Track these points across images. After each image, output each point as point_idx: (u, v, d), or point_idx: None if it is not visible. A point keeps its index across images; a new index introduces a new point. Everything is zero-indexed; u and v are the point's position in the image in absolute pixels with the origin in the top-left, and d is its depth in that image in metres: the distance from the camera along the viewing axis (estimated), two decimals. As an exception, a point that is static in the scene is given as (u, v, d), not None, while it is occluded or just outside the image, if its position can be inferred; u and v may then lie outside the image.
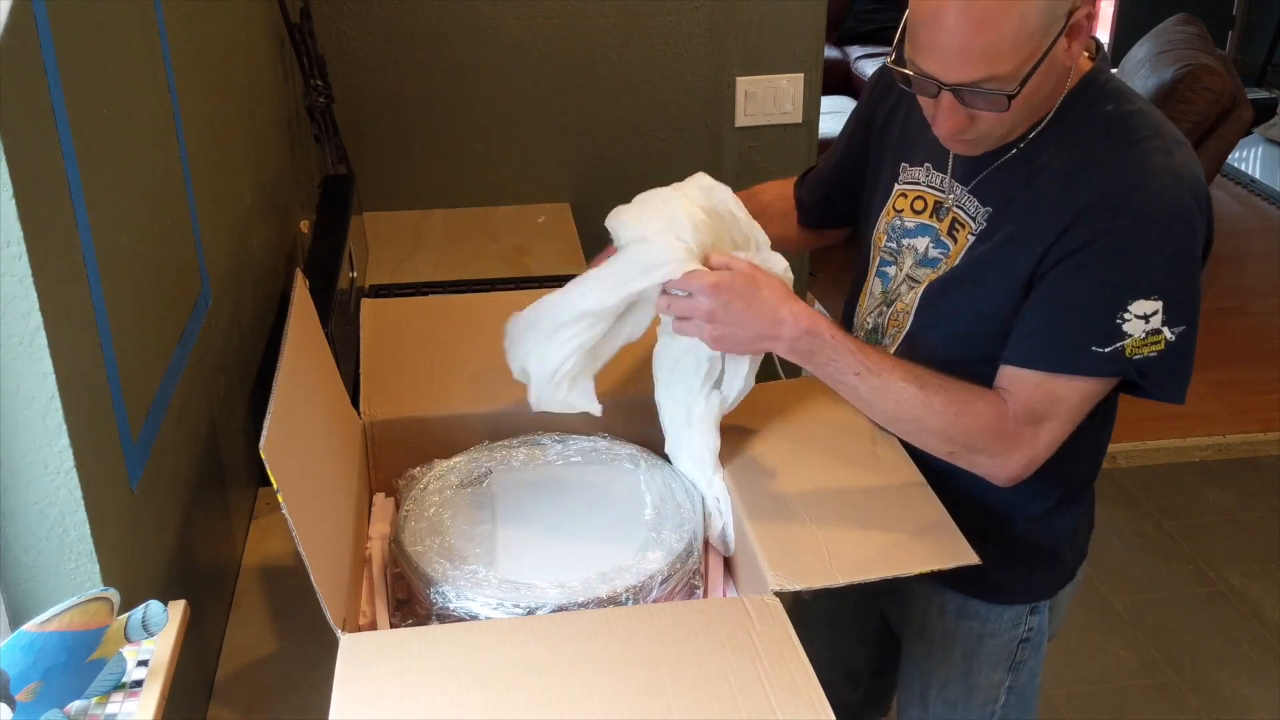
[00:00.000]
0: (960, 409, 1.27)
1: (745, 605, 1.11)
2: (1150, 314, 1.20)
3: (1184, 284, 1.21)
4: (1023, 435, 1.26)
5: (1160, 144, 1.24)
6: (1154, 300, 1.19)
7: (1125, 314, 1.20)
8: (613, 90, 2.67)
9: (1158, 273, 1.20)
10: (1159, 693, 2.62)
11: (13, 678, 0.86)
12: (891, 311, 1.42)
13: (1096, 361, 1.22)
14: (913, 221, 1.40)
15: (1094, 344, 1.21)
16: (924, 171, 1.40)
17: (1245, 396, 3.82)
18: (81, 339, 0.95)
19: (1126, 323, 1.20)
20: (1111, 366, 1.22)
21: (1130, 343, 1.21)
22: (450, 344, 1.55)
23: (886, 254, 1.44)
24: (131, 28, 1.16)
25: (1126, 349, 1.21)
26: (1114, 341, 1.21)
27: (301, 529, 1.04)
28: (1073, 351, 1.22)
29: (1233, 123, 3.74)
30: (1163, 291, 1.20)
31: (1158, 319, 1.20)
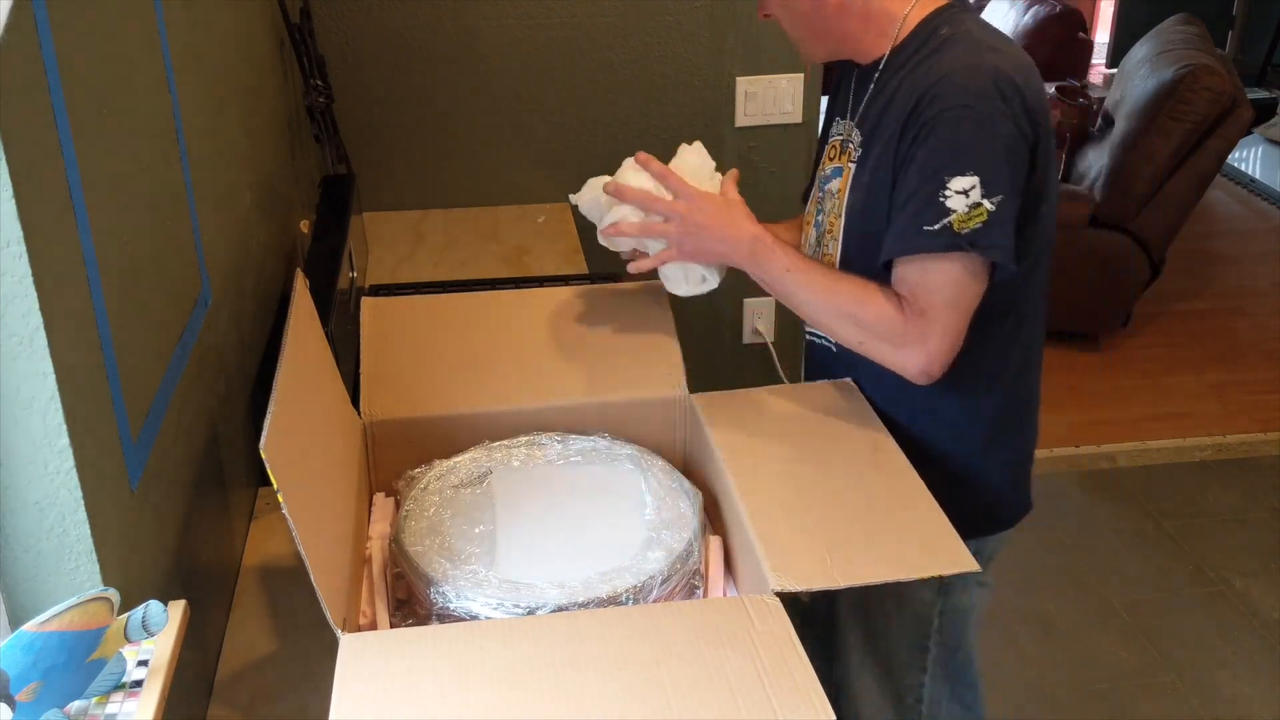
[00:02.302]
0: (868, 296, 1.41)
1: (745, 605, 1.11)
2: (969, 189, 1.33)
3: (994, 158, 1.34)
4: (916, 327, 1.38)
5: (972, 47, 1.39)
6: (969, 176, 1.33)
7: (946, 191, 1.34)
8: (613, 90, 2.67)
9: (967, 151, 1.34)
10: (1159, 693, 2.62)
11: (13, 678, 0.86)
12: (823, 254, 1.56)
13: (931, 238, 1.35)
14: (830, 168, 1.55)
15: (925, 224, 1.35)
16: (836, 124, 1.56)
17: (1245, 396, 3.82)
18: (81, 339, 0.95)
19: (949, 199, 1.33)
20: (944, 240, 1.34)
21: (956, 217, 1.33)
22: (450, 344, 1.55)
23: (817, 204, 1.58)
24: (131, 28, 1.16)
25: (954, 224, 1.34)
26: (942, 218, 1.34)
27: (301, 529, 1.04)
28: (912, 234, 1.36)
29: (1233, 123, 3.73)
30: (976, 167, 1.33)
31: (976, 192, 1.33)
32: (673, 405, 1.49)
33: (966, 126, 1.34)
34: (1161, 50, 4.04)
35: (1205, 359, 4.07)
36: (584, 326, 1.58)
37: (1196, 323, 4.33)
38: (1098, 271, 3.91)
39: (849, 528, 1.24)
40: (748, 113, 2.71)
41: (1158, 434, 3.59)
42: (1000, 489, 1.61)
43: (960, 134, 1.34)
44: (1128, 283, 3.93)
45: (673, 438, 1.51)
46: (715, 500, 1.38)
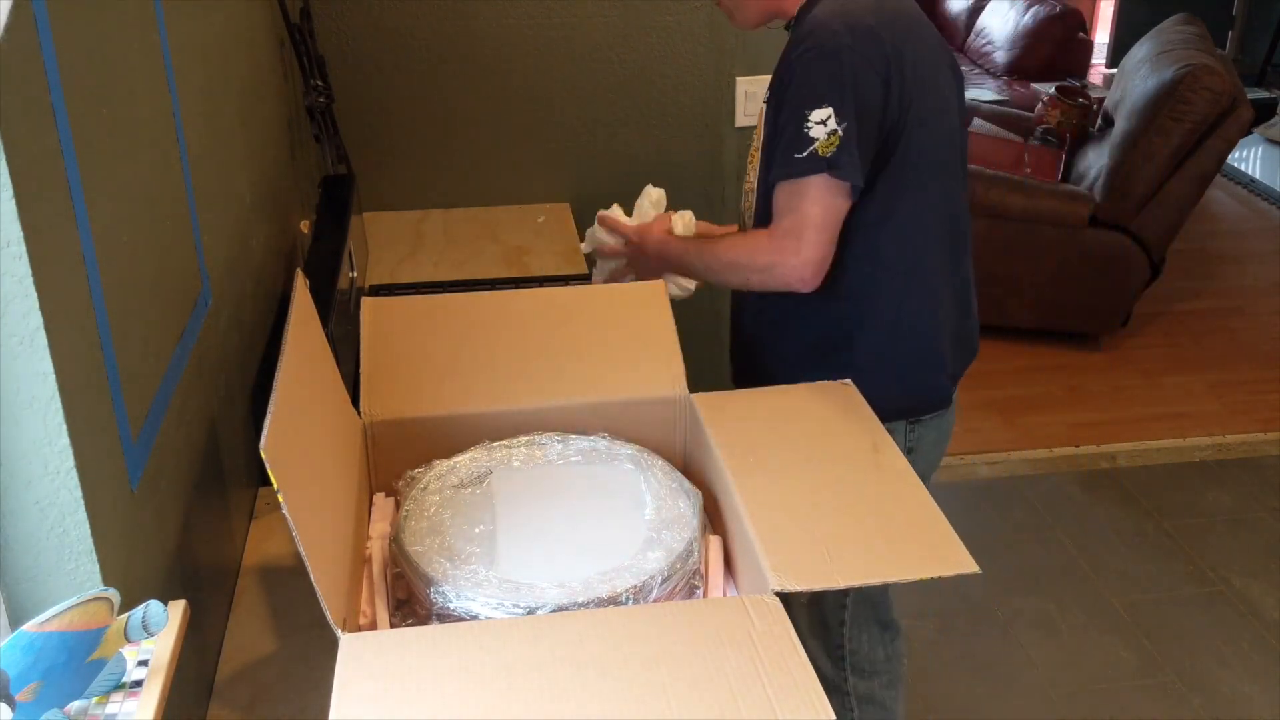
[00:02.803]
0: (740, 240, 1.70)
1: (745, 605, 1.11)
2: (825, 119, 1.54)
3: (843, 90, 1.54)
4: (788, 246, 1.59)
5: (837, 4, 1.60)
6: (825, 108, 1.54)
7: (808, 123, 1.54)
8: (613, 90, 2.67)
9: (820, 86, 1.54)
10: (1159, 693, 2.62)
11: (13, 678, 0.86)
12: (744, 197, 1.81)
13: (802, 164, 1.55)
14: None
15: (795, 151, 1.55)
16: None
17: (1245, 396, 3.82)
18: (81, 339, 0.95)
19: (811, 129, 1.54)
20: (812, 164, 1.55)
21: (820, 144, 1.54)
22: (450, 344, 1.55)
23: None
24: (131, 28, 1.16)
25: (818, 149, 1.54)
26: (807, 146, 1.55)
27: (301, 529, 1.04)
28: (786, 162, 1.57)
29: (1233, 123, 3.74)
30: (828, 99, 1.54)
31: (832, 121, 1.54)
32: (673, 405, 1.49)
33: (817, 65, 1.55)
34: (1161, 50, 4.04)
35: (1205, 359, 4.07)
36: (584, 326, 1.58)
37: (1196, 323, 4.33)
38: (1098, 271, 3.92)
39: (849, 527, 1.24)
40: (748, 113, 2.71)
41: (1158, 434, 3.59)
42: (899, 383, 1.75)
43: (813, 72, 1.55)
44: (1128, 283, 3.93)
45: (673, 438, 1.51)
46: (715, 500, 1.38)
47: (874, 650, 1.95)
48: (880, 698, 1.98)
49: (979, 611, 2.85)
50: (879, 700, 1.98)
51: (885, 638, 1.95)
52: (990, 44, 6.17)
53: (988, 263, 3.95)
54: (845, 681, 1.96)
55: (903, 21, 1.63)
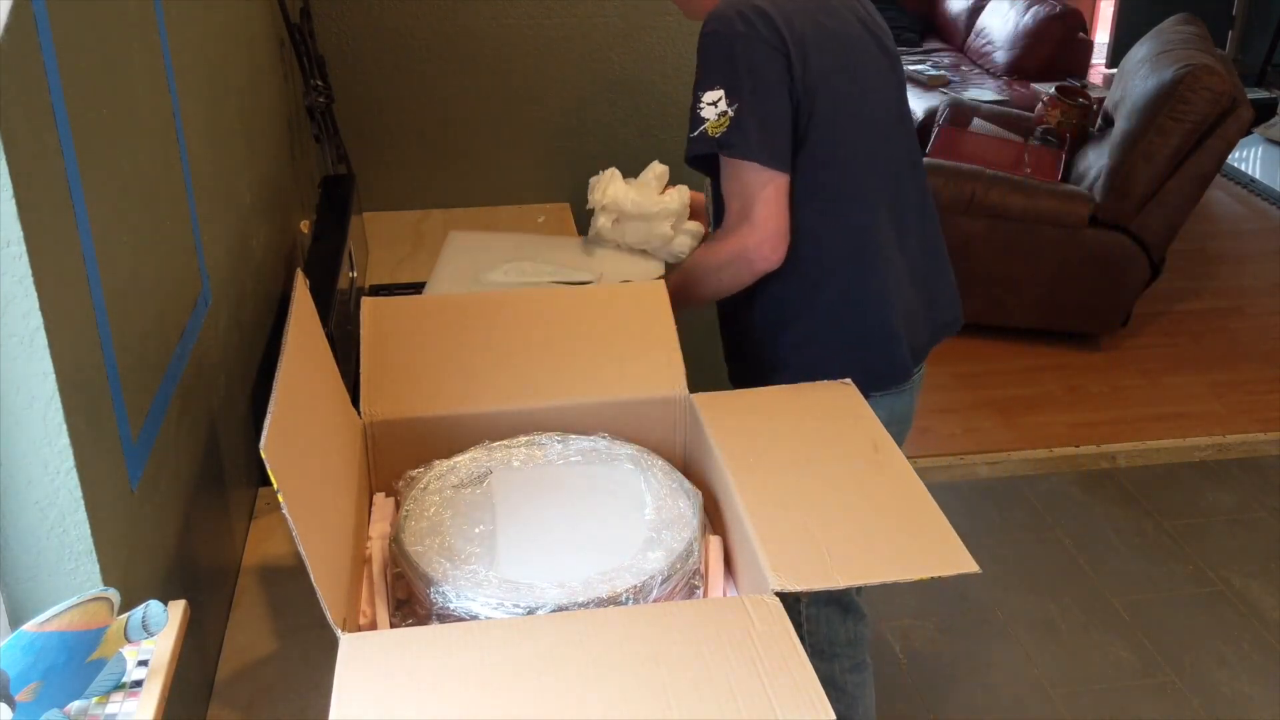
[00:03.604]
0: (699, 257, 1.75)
1: (745, 605, 1.11)
2: (716, 100, 1.58)
3: (734, 73, 1.58)
4: (743, 231, 1.63)
5: None
6: (715, 90, 1.58)
7: (700, 105, 1.60)
8: (613, 90, 2.67)
9: (712, 70, 1.60)
10: (1159, 693, 2.62)
11: (13, 678, 0.86)
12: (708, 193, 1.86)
13: (694, 144, 1.61)
14: None
15: (690, 133, 1.61)
16: None
17: (1245, 396, 3.82)
18: (81, 339, 0.95)
19: (702, 110, 1.60)
20: (705, 145, 1.60)
21: (709, 125, 1.59)
22: (450, 344, 1.55)
23: None
24: (131, 28, 1.16)
25: (709, 130, 1.59)
26: (698, 126, 1.60)
27: (301, 529, 1.04)
28: (687, 143, 1.63)
29: (1233, 123, 3.74)
30: (719, 82, 1.58)
31: (723, 103, 1.58)
32: (673, 405, 1.49)
33: (710, 49, 1.60)
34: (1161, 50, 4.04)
35: (1205, 359, 4.08)
36: (584, 326, 1.58)
37: (1196, 323, 4.33)
38: (1098, 271, 3.92)
39: (849, 527, 1.24)
40: (748, 113, 2.71)
41: (1158, 434, 3.59)
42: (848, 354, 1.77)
43: (706, 56, 1.60)
44: (1128, 283, 3.93)
45: (673, 438, 1.51)
46: (715, 500, 1.38)
47: (834, 632, 1.92)
48: (841, 682, 1.95)
49: (979, 611, 2.85)
50: (840, 684, 1.95)
51: (848, 621, 1.93)
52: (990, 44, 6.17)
53: (988, 263, 3.96)
54: None
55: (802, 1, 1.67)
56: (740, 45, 1.59)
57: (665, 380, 1.50)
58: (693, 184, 1.96)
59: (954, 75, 5.93)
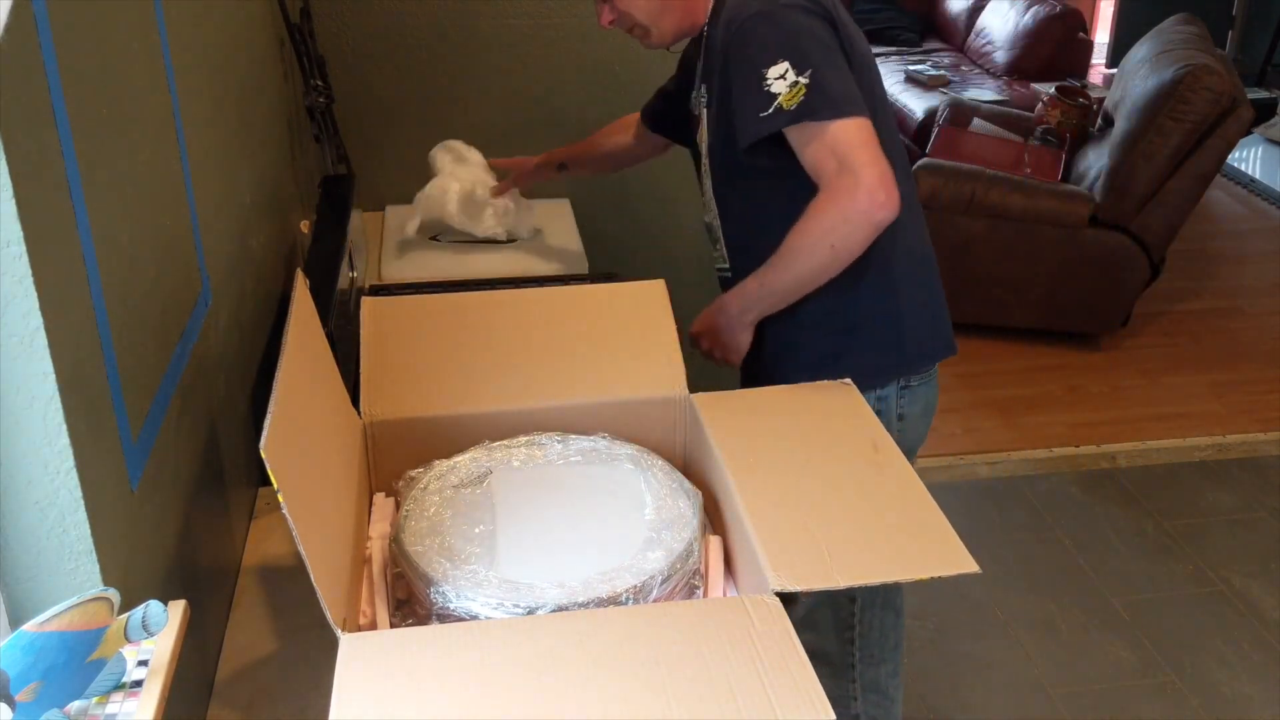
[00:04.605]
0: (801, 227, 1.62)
1: (745, 605, 1.11)
2: (783, 73, 1.56)
3: (793, 43, 1.58)
4: (845, 185, 1.56)
5: None
6: (780, 64, 1.56)
7: (767, 83, 1.57)
8: (612, 90, 2.67)
9: (769, 45, 1.58)
10: (1159, 693, 2.62)
11: (13, 678, 0.86)
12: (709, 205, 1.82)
13: (768, 123, 1.59)
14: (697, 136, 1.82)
15: (760, 111, 1.58)
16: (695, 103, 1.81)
17: (1245, 396, 3.82)
18: (81, 339, 0.95)
19: (771, 86, 1.57)
20: (780, 120, 1.58)
21: (783, 98, 1.56)
22: (450, 344, 1.55)
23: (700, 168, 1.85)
24: (131, 28, 1.16)
25: (784, 104, 1.56)
26: (771, 103, 1.57)
27: (302, 529, 1.04)
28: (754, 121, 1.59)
29: (1233, 123, 3.73)
30: (781, 55, 1.57)
31: (791, 73, 1.56)
32: (673, 405, 1.49)
33: (760, 30, 1.59)
34: (1161, 50, 4.04)
35: (1205, 359, 4.07)
36: (584, 326, 1.58)
37: (1196, 323, 4.33)
38: (1098, 271, 3.92)
39: (849, 527, 1.24)
40: (748, 113, 2.71)
41: (1158, 434, 3.59)
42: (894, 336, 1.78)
43: (757, 38, 1.59)
44: (1128, 283, 3.93)
45: (673, 438, 1.51)
46: (715, 500, 1.38)
47: (885, 636, 1.91)
48: (884, 686, 1.94)
49: (979, 611, 2.85)
50: (883, 689, 1.94)
51: (898, 624, 1.92)
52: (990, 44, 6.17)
53: (988, 263, 3.96)
54: (852, 667, 1.91)
55: None
56: (791, 16, 1.59)
57: (665, 380, 1.50)
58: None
59: (954, 75, 5.93)
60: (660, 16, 1.72)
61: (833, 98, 1.56)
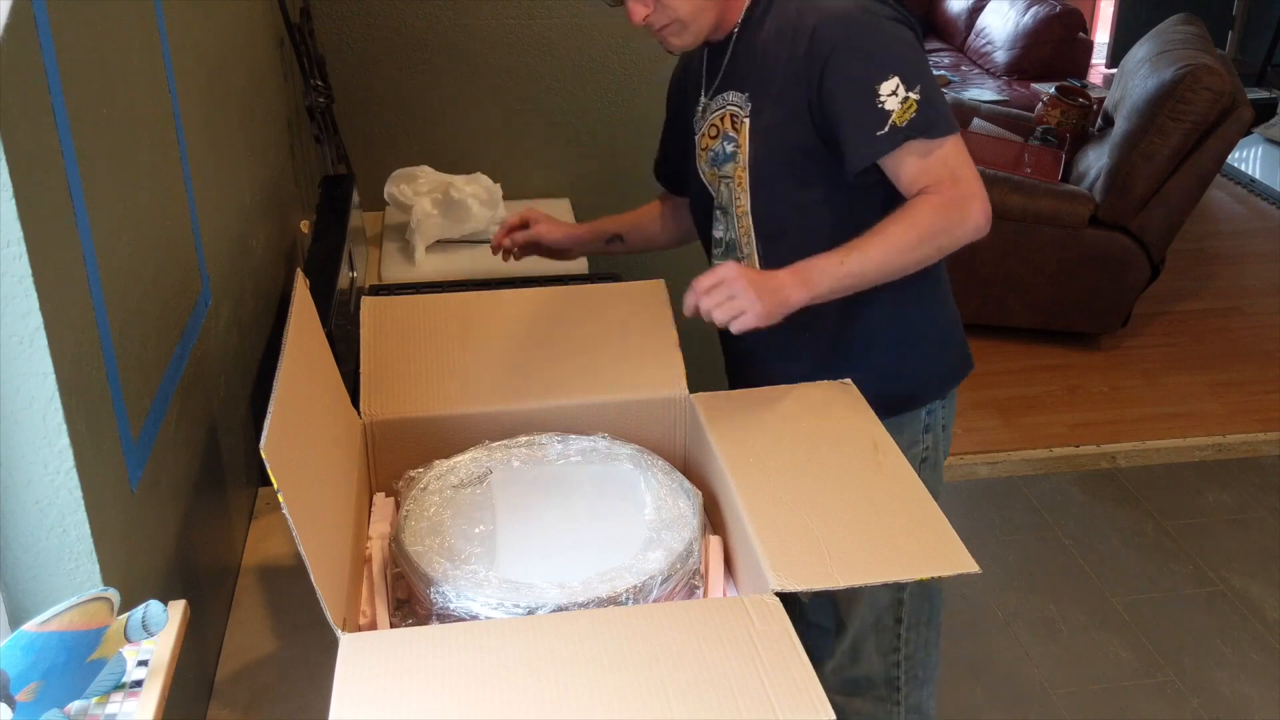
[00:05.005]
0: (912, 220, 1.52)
1: (745, 605, 1.11)
2: (894, 89, 1.49)
3: (901, 54, 1.51)
4: (960, 194, 1.51)
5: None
6: (890, 79, 1.49)
7: (880, 100, 1.49)
8: (612, 90, 2.67)
9: (875, 58, 1.51)
10: (1159, 693, 2.62)
11: (13, 678, 0.86)
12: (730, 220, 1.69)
13: (886, 140, 1.50)
14: (714, 147, 1.68)
15: (877, 130, 1.50)
16: (699, 109, 1.71)
17: (1245, 396, 3.82)
18: (81, 339, 0.95)
19: (884, 103, 1.49)
20: (897, 137, 1.50)
21: (896, 115, 1.49)
22: (450, 344, 1.55)
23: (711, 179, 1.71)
24: (131, 28, 1.16)
25: (896, 121, 1.49)
26: (886, 121, 1.50)
27: (302, 529, 1.04)
28: (870, 141, 1.52)
29: (1233, 123, 3.73)
30: (890, 68, 1.49)
31: (902, 89, 1.49)
32: (673, 405, 1.49)
33: (868, 41, 1.51)
34: (1161, 50, 4.04)
35: (1205, 359, 4.07)
36: (584, 326, 1.58)
37: (1196, 323, 4.33)
38: (1098, 271, 3.91)
39: (849, 527, 1.24)
40: (748, 113, 2.71)
41: (1158, 434, 3.59)
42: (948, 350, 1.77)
43: (866, 47, 1.51)
44: (1128, 283, 3.93)
45: (672, 438, 1.51)
46: (715, 500, 1.38)
47: (929, 654, 1.86)
48: (926, 709, 1.90)
49: (979, 611, 2.85)
50: (925, 710, 1.90)
51: (938, 642, 1.88)
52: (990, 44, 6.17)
53: (988, 263, 3.96)
54: (898, 690, 1.86)
55: None
56: (890, 27, 1.52)
57: (665, 380, 1.50)
58: None
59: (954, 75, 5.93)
60: (700, 13, 1.60)
61: (943, 114, 1.52)
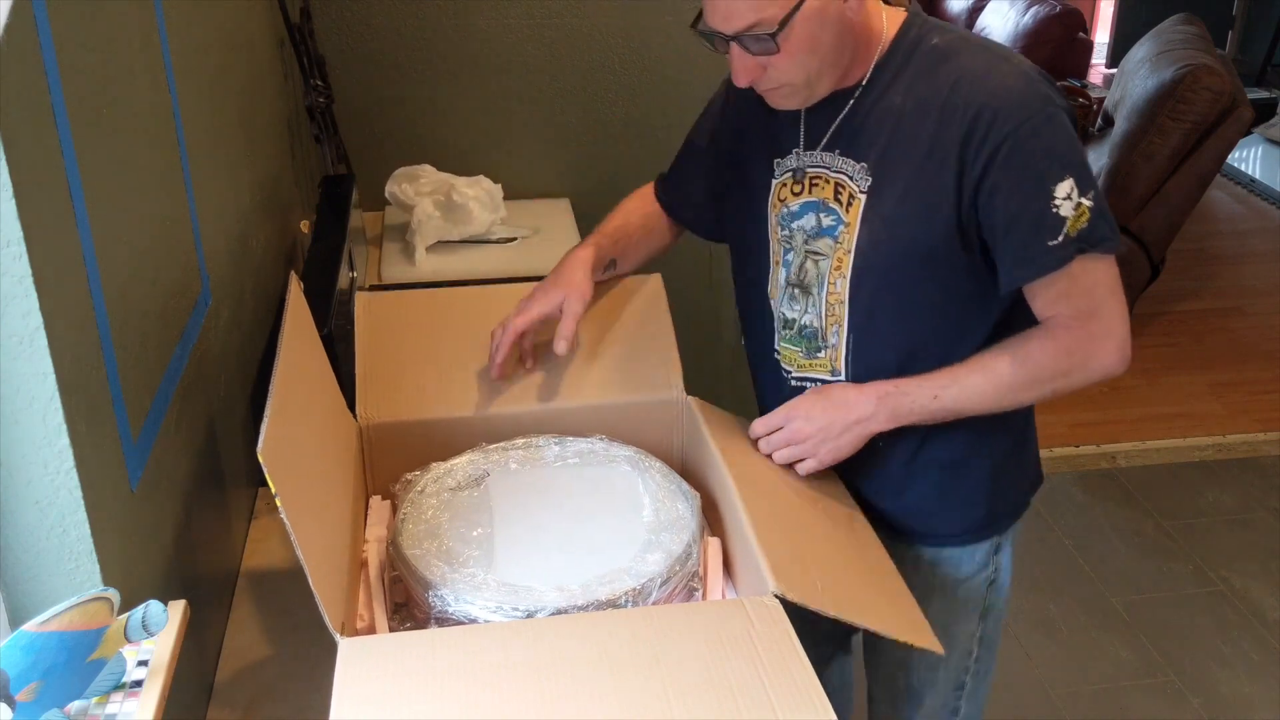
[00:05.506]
0: (1029, 353, 1.36)
1: (745, 606, 1.11)
2: (1070, 192, 1.31)
3: (1078, 156, 1.33)
4: (1093, 332, 1.35)
5: (993, 56, 1.35)
6: (1067, 180, 1.30)
7: (1055, 202, 1.30)
8: (613, 90, 2.67)
9: (1055, 157, 1.31)
10: (1159, 693, 2.62)
11: (13, 678, 0.86)
12: (815, 303, 1.44)
13: (1059, 251, 1.32)
14: (795, 204, 1.44)
15: (1049, 240, 1.31)
16: (792, 158, 1.45)
17: (1245, 396, 3.82)
18: (81, 339, 0.95)
19: (1060, 208, 1.31)
20: (1069, 250, 1.32)
21: (1069, 223, 1.31)
22: (447, 344, 1.54)
23: (784, 242, 1.46)
24: (131, 28, 1.16)
25: (1069, 229, 1.31)
26: (1060, 229, 1.31)
27: (300, 534, 1.04)
28: (1040, 254, 1.32)
29: (1233, 123, 3.74)
30: (1069, 169, 1.31)
31: (1075, 193, 1.31)
32: (671, 407, 1.49)
33: (1046, 134, 1.30)
34: (1161, 50, 4.04)
35: (1205, 359, 4.07)
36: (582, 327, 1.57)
37: (1196, 323, 4.33)
38: (1098, 271, 3.91)
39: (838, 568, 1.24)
40: (748, 113, 2.71)
41: (1158, 434, 3.59)
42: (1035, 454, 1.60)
43: (1044, 143, 1.30)
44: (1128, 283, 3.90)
45: (670, 439, 1.50)
46: (714, 502, 1.38)
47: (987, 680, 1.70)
48: None
49: (979, 611, 2.85)
50: None
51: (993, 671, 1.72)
52: (990, 44, 6.17)
53: (988, 263, 3.96)
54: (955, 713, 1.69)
55: None
56: (1061, 119, 1.32)
57: (663, 382, 1.50)
58: None
59: (954, 75, 5.92)
60: (820, 77, 1.35)
61: (1113, 226, 1.35)
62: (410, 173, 2.47)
